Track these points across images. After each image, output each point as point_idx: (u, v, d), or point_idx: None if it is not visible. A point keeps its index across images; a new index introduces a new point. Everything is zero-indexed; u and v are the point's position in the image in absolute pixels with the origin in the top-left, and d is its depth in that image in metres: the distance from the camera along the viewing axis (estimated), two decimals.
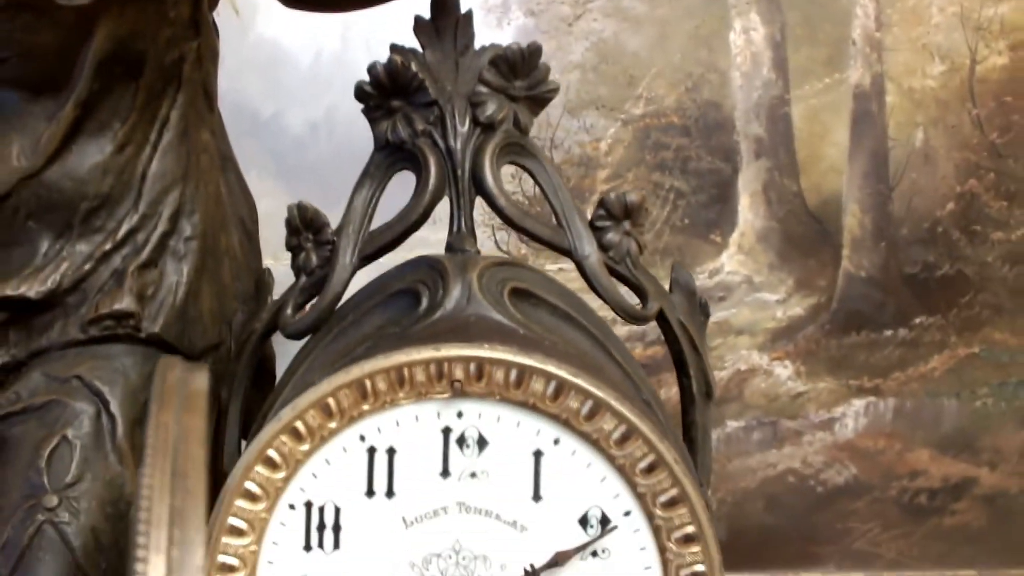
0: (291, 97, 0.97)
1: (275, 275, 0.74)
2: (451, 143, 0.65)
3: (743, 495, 1.02)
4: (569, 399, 0.57)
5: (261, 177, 0.91)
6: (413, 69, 0.65)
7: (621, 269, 0.67)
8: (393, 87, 0.65)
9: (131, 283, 0.65)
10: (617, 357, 0.65)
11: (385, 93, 0.65)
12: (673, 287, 0.69)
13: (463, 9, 0.67)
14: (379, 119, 0.66)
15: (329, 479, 0.58)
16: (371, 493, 0.58)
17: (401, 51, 0.65)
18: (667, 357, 0.70)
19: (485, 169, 0.65)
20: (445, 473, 0.58)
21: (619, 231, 0.67)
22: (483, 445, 0.58)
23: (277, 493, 0.58)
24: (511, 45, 0.66)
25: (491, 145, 0.65)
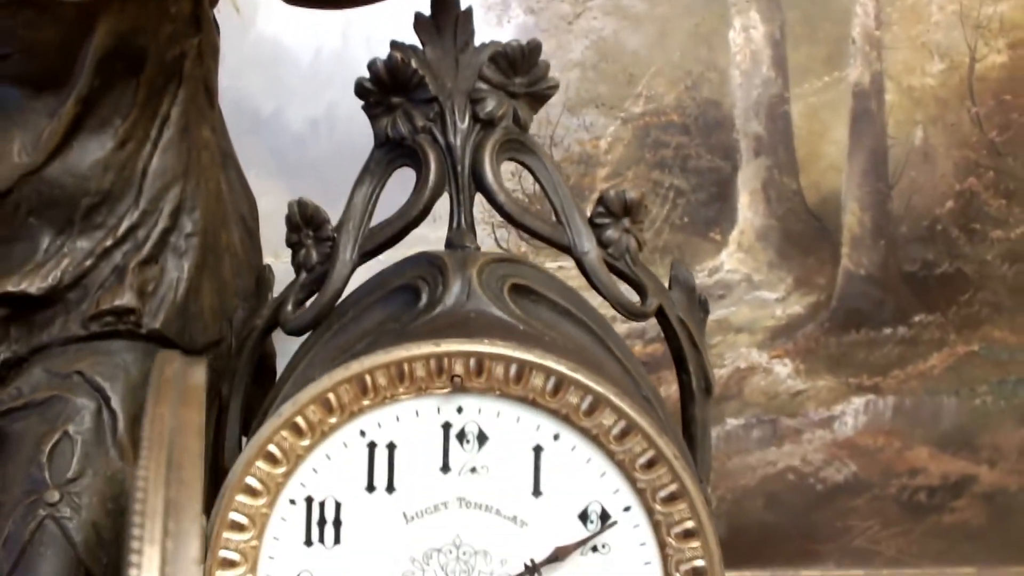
0: (291, 95, 0.97)
1: (275, 273, 0.74)
2: (451, 139, 0.65)
3: (743, 493, 1.02)
4: (569, 394, 0.57)
5: (261, 175, 0.91)
6: (413, 66, 0.65)
7: (620, 266, 0.67)
8: (393, 84, 0.65)
9: (132, 279, 0.66)
10: (617, 353, 0.65)
11: (385, 89, 0.65)
12: (672, 284, 0.69)
13: (463, 6, 0.67)
14: (379, 115, 0.66)
15: (330, 474, 0.58)
16: (371, 488, 0.58)
17: (401, 48, 0.65)
18: (667, 354, 0.70)
19: (485, 165, 0.65)
20: (445, 468, 0.58)
21: (618, 228, 0.67)
22: (483, 440, 0.58)
23: (278, 488, 0.58)
24: (511, 42, 0.66)
25: (491, 141, 0.65)
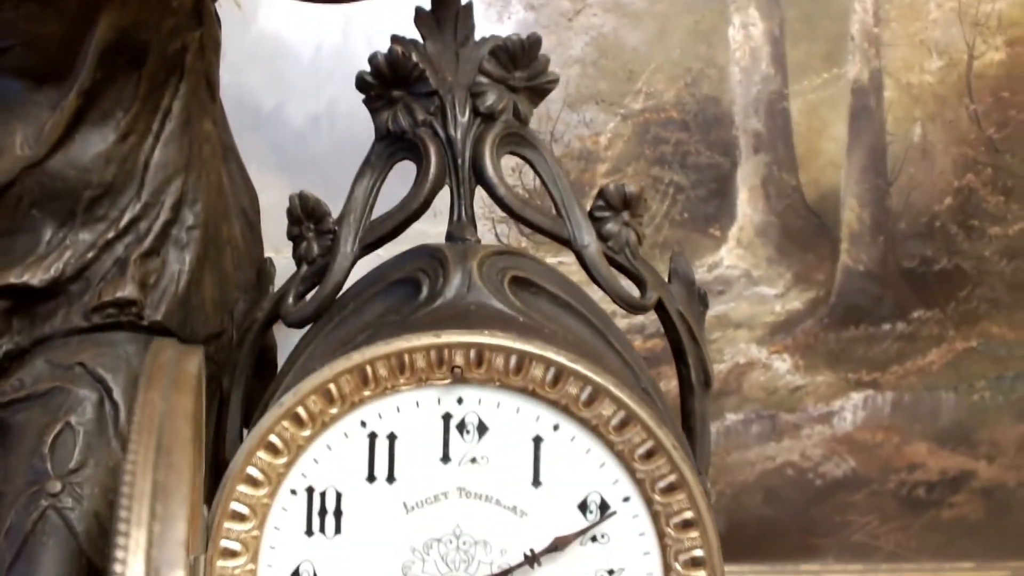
0: (292, 90, 0.97)
1: (276, 267, 0.74)
2: (451, 133, 0.65)
3: (742, 488, 1.02)
4: (568, 385, 0.57)
5: (262, 170, 0.91)
6: (414, 59, 0.65)
7: (620, 259, 0.67)
8: (394, 77, 0.65)
9: (134, 271, 0.66)
10: (616, 346, 0.65)
11: (386, 83, 0.65)
12: (672, 277, 0.70)
13: (463, 1, 0.67)
14: (380, 109, 0.66)
15: (330, 464, 0.58)
16: (372, 478, 0.58)
17: (402, 41, 0.66)
18: (666, 350, 0.70)
19: (485, 158, 0.65)
20: (445, 458, 0.58)
21: (618, 221, 0.67)
22: (483, 431, 0.58)
23: (279, 478, 0.58)
24: (511, 36, 0.66)
25: (491, 135, 0.65)
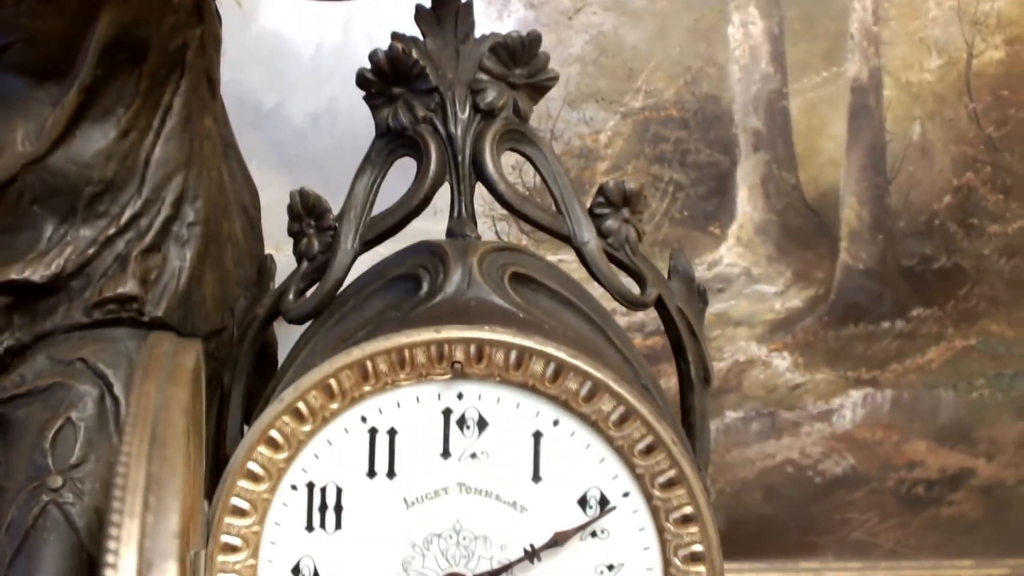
0: (293, 89, 0.97)
1: (277, 265, 0.74)
2: (452, 129, 0.65)
3: (742, 485, 1.02)
4: (568, 380, 0.57)
5: (263, 168, 0.91)
6: (414, 56, 0.65)
7: (620, 256, 0.67)
8: (394, 74, 0.65)
9: (134, 267, 0.66)
10: (616, 343, 0.66)
11: (386, 80, 0.66)
12: (672, 274, 0.70)
13: None
14: (380, 106, 0.66)
15: (331, 460, 0.58)
16: (372, 474, 0.58)
17: (402, 38, 0.66)
18: (666, 348, 0.70)
19: (485, 155, 0.65)
20: (446, 454, 0.58)
21: (618, 218, 0.67)
22: (483, 426, 0.58)
23: (279, 474, 0.58)
24: (511, 33, 0.66)
25: (491, 132, 0.65)
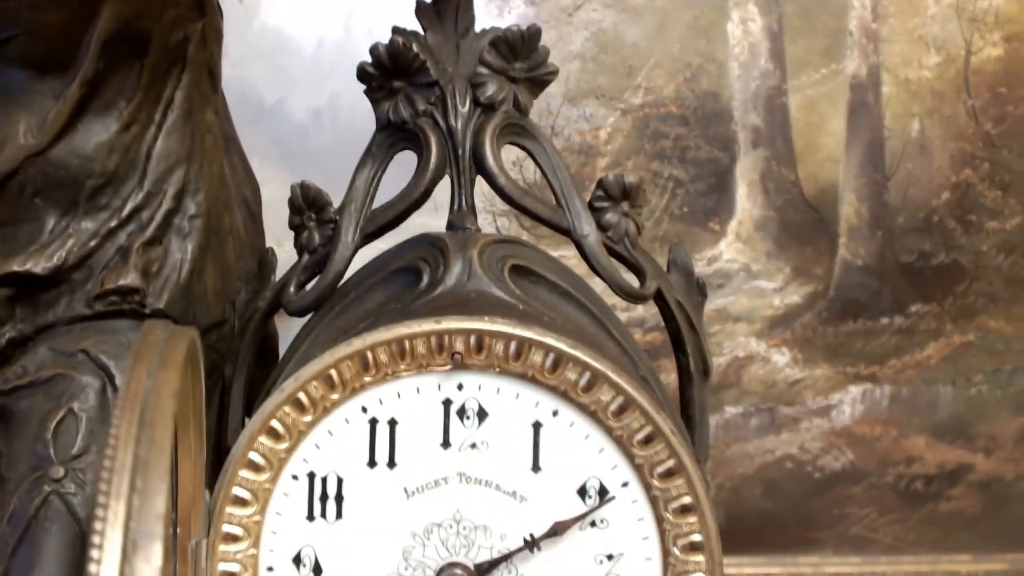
0: (294, 85, 0.97)
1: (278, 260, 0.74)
2: (452, 123, 0.66)
3: (741, 481, 1.02)
4: (567, 371, 0.58)
5: (264, 164, 0.91)
6: (415, 50, 0.65)
7: (619, 249, 0.67)
8: (395, 68, 0.66)
9: (136, 260, 0.66)
10: (616, 335, 0.66)
11: (387, 74, 0.66)
12: (671, 267, 0.70)
13: None
14: (381, 99, 0.66)
15: (332, 450, 0.59)
16: (373, 464, 0.59)
17: (403, 32, 0.66)
18: (666, 343, 0.70)
19: (485, 148, 0.65)
20: (446, 444, 0.59)
21: (617, 212, 0.67)
22: (483, 417, 0.59)
23: (280, 464, 0.58)
24: (511, 27, 0.66)
25: (491, 125, 0.66)
